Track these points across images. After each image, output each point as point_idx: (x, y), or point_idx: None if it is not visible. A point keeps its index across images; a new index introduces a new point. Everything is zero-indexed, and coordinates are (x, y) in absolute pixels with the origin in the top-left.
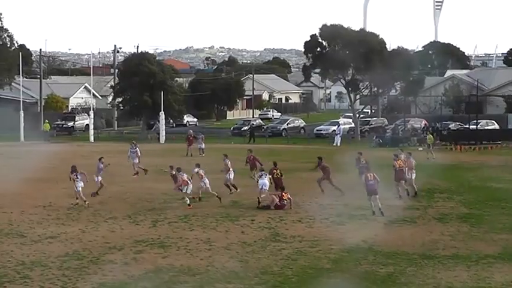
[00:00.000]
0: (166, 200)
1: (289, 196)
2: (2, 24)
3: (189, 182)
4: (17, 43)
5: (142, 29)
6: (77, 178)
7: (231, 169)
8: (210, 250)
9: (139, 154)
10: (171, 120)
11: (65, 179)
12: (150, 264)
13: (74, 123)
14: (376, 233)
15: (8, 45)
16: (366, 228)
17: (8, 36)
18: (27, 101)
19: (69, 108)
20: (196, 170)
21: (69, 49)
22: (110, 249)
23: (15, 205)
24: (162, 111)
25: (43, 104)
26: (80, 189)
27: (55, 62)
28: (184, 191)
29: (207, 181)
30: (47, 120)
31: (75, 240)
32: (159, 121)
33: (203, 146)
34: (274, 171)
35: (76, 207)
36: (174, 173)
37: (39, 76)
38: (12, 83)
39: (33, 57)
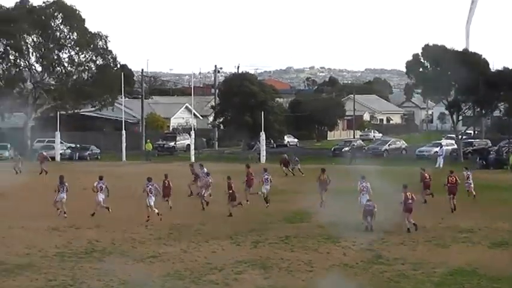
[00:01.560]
0: (266, 221)
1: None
2: (107, 45)
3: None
4: (120, 64)
5: (242, 49)
6: (151, 192)
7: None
8: (311, 271)
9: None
10: (271, 141)
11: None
12: (251, 285)
13: (175, 143)
14: (480, 256)
15: (112, 66)
16: (469, 251)
17: (111, 57)
18: (129, 121)
19: (170, 128)
20: None
21: (170, 69)
22: (211, 270)
23: (118, 225)
24: (263, 132)
25: (144, 123)
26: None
27: (156, 82)
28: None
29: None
30: (148, 140)
31: (176, 260)
32: (259, 141)
33: (299, 166)
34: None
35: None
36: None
37: (140, 96)
38: (115, 103)
39: (135, 78)
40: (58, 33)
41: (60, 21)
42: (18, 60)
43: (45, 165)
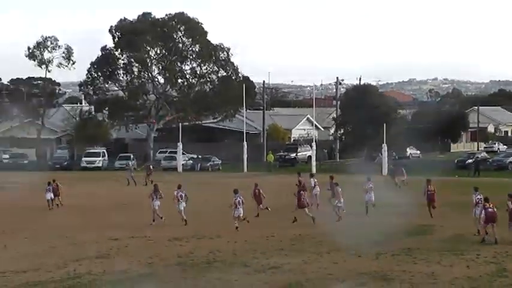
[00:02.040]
0: (388, 233)
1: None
2: (228, 57)
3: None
4: (242, 76)
5: (364, 61)
6: (239, 204)
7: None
8: (435, 284)
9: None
10: (393, 153)
11: (285, 211)
12: None
13: (296, 155)
14: None
15: (233, 78)
16: None
17: (233, 69)
18: (251, 132)
19: (292, 139)
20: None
21: (292, 81)
22: (332, 281)
23: (239, 235)
24: (385, 143)
25: (266, 135)
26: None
27: (278, 94)
28: None
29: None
30: (270, 151)
31: (297, 271)
32: (381, 153)
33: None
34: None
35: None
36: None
37: (262, 108)
38: (236, 115)
39: (256, 89)
40: (180, 45)
41: (183, 33)
42: (141, 73)
43: (150, 177)
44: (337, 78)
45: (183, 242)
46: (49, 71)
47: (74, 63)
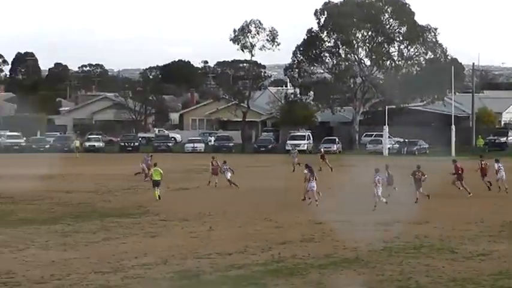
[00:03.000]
0: None
1: None
2: (436, 39)
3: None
4: (450, 57)
5: None
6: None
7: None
8: None
9: None
10: None
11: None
12: None
13: (506, 139)
14: None
15: (441, 60)
16: None
17: (441, 51)
18: (459, 115)
19: (502, 123)
20: None
21: (503, 63)
22: None
23: (447, 221)
24: None
25: (474, 118)
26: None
27: (487, 76)
28: None
29: None
30: (480, 136)
31: (508, 258)
32: None
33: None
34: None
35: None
36: None
37: (471, 91)
38: (444, 98)
39: (465, 72)
40: (387, 27)
41: (390, 15)
42: (348, 55)
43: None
44: None
45: (388, 227)
46: (252, 55)
47: (278, 45)
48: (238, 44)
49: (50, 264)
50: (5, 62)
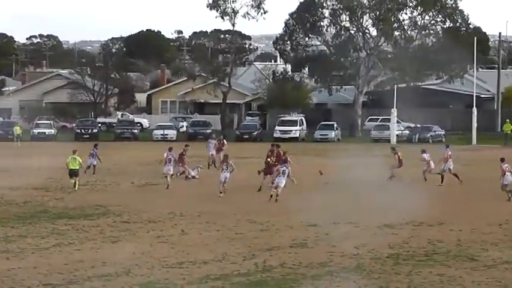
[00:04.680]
0: None
1: None
2: (456, 4)
3: None
4: (473, 26)
5: None
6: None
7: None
8: None
9: None
10: None
11: None
12: None
13: None
14: None
15: (462, 29)
16: None
17: (462, 19)
18: (482, 96)
19: None
20: None
21: None
22: None
23: (465, 222)
24: None
25: (501, 99)
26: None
27: None
28: None
29: None
30: (507, 120)
31: None
32: None
33: None
34: None
35: None
36: None
37: (497, 66)
38: (465, 75)
39: (490, 44)
40: None
41: None
42: (349, 23)
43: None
44: None
45: (396, 230)
46: (233, 25)
47: (265, 13)
48: (217, 11)
49: None
50: None
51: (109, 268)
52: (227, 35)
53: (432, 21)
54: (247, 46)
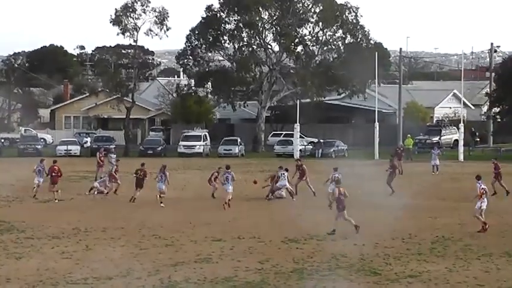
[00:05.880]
0: None
1: None
2: (357, 20)
3: None
4: (374, 42)
5: None
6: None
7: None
8: None
9: None
10: None
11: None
12: None
13: (439, 138)
14: None
15: (364, 45)
16: None
17: (363, 34)
18: (384, 111)
19: (434, 120)
20: None
21: (435, 48)
22: None
23: (368, 236)
24: None
25: (402, 114)
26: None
27: (417, 64)
28: None
29: None
30: (409, 135)
31: (440, 280)
32: None
33: None
34: None
35: None
36: None
37: (398, 81)
38: (367, 90)
39: (391, 59)
40: (299, 6)
41: None
42: (252, 39)
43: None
44: (491, 44)
45: (300, 244)
46: (135, 41)
47: (168, 30)
48: (119, 27)
49: None
50: None
51: (13, 285)
52: (130, 50)
53: (334, 37)
54: (150, 61)
